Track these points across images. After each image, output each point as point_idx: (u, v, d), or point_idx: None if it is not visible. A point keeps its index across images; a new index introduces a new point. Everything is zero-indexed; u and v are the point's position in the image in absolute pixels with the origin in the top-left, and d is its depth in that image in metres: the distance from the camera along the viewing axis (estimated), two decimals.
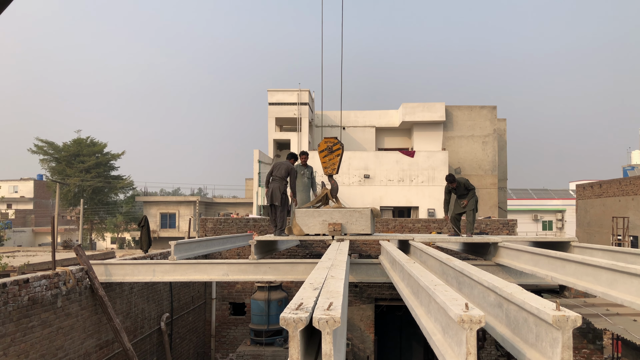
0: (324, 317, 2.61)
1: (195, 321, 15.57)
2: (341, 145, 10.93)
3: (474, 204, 10.55)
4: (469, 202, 10.51)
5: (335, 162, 10.95)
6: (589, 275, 5.74)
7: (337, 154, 10.94)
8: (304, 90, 25.62)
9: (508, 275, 9.93)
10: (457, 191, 10.74)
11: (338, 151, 10.91)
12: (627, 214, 23.57)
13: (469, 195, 10.57)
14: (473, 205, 10.54)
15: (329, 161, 10.99)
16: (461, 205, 10.62)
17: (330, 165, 10.97)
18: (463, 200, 10.58)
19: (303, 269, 9.66)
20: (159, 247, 21.46)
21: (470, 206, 10.51)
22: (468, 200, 10.52)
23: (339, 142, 10.95)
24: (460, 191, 10.67)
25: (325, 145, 10.98)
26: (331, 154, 10.94)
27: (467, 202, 10.51)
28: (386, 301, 15.84)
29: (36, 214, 52.45)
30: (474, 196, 10.60)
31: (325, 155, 11.01)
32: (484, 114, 26.05)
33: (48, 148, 42.46)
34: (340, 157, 10.97)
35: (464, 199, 10.59)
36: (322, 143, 11.06)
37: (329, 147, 10.93)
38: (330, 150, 10.92)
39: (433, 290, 3.82)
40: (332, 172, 11.01)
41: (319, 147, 11.18)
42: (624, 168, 42.81)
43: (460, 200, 10.71)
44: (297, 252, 16.22)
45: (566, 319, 2.77)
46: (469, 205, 10.52)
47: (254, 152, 23.91)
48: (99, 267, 9.92)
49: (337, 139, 11.04)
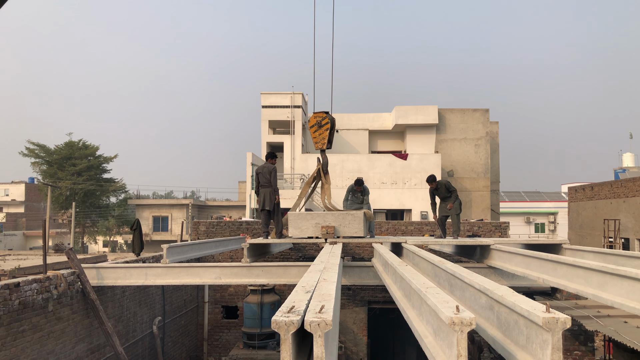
0: (316, 320, 2.62)
1: (187, 325, 15.51)
2: (330, 119, 10.89)
3: (458, 206, 10.69)
4: (454, 206, 10.66)
5: (325, 136, 10.91)
6: (579, 278, 5.77)
7: (326, 127, 10.89)
8: (297, 93, 25.65)
9: (500, 277, 9.98)
10: (439, 193, 10.92)
11: (327, 125, 10.87)
12: (619, 216, 23.73)
13: (452, 197, 10.72)
14: (458, 209, 10.69)
15: (319, 136, 10.97)
16: (447, 208, 10.76)
17: (320, 140, 10.96)
18: (448, 203, 10.72)
19: (296, 272, 9.66)
20: (151, 251, 21.37)
21: (455, 210, 10.66)
22: (453, 203, 10.65)
23: (327, 116, 10.88)
24: (442, 193, 10.87)
25: (315, 120, 10.97)
26: (320, 128, 10.93)
27: (452, 205, 10.65)
28: (379, 304, 15.86)
29: (27, 217, 52.06)
30: (457, 198, 10.75)
31: (315, 130, 10.99)
32: (476, 117, 26.17)
33: (39, 151, 42.16)
34: (330, 131, 10.93)
35: (449, 202, 10.73)
36: (311, 118, 11.03)
37: (318, 121, 10.93)
38: (320, 125, 10.91)
39: (425, 293, 3.83)
40: (322, 147, 10.99)
41: (309, 123, 11.19)
42: (615, 170, 43.13)
43: (444, 202, 10.86)
44: (290, 255, 16.21)
45: (556, 321, 2.79)
46: (453, 209, 10.67)
47: (247, 155, 23.89)
48: (91, 270, 9.87)
49: (326, 113, 10.93)
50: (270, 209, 10.30)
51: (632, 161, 47.75)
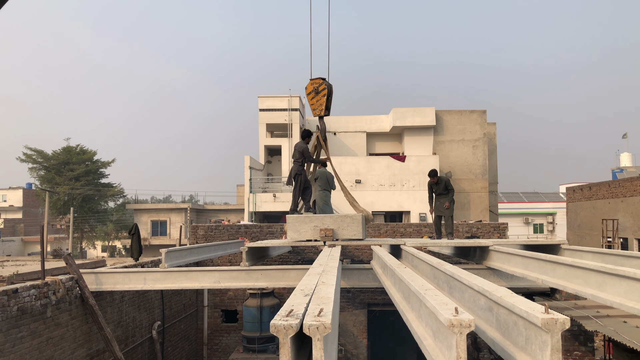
0: (315, 323, 2.61)
1: (187, 329, 15.48)
2: (327, 85, 10.87)
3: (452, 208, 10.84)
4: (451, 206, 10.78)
5: (323, 102, 10.87)
6: (578, 278, 5.77)
7: (324, 94, 10.85)
8: (295, 96, 25.66)
9: (499, 278, 9.98)
10: (437, 188, 11.07)
11: (324, 91, 10.83)
12: (617, 216, 23.77)
13: (449, 196, 10.84)
14: (452, 211, 10.88)
15: (317, 102, 10.94)
16: (443, 207, 10.87)
17: (318, 106, 10.93)
18: (445, 202, 10.81)
19: (295, 275, 9.65)
20: (150, 255, 21.34)
21: (450, 212, 10.81)
22: (449, 202, 10.75)
23: (324, 82, 10.83)
24: (440, 189, 11.00)
25: (312, 87, 10.92)
26: (317, 94, 10.89)
27: (448, 205, 10.82)
28: (379, 306, 15.85)
29: (25, 223, 51.95)
30: (452, 199, 10.86)
31: (312, 97, 10.94)
32: (473, 118, 26.20)
33: (37, 156, 42.10)
34: (327, 97, 10.90)
35: (445, 200, 10.89)
36: (308, 85, 10.97)
37: (315, 88, 10.89)
38: (317, 92, 10.87)
39: (423, 295, 3.83)
40: (320, 114, 10.99)
41: (306, 90, 11.12)
42: (613, 170, 43.17)
43: (440, 199, 10.96)
44: (289, 258, 16.19)
45: (555, 322, 2.79)
46: (449, 210, 10.79)
47: (245, 159, 23.88)
48: (89, 275, 9.85)
49: (323, 79, 10.87)
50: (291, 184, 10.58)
51: (630, 161, 47.83)
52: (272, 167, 27.78)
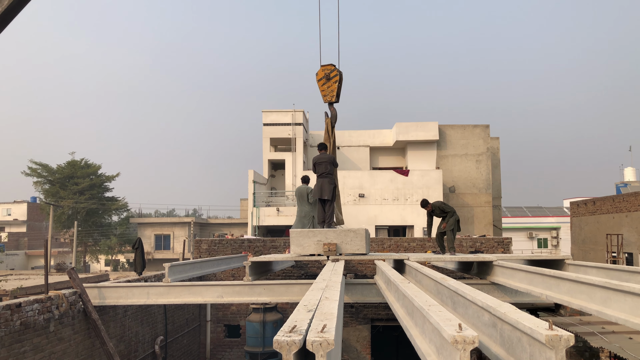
0: (318, 339, 2.61)
1: (189, 344, 15.40)
2: (338, 72, 10.89)
3: (453, 224, 10.88)
4: (448, 224, 10.82)
5: (334, 88, 10.89)
6: (582, 293, 5.74)
7: (335, 80, 10.87)
8: (299, 110, 25.80)
9: (503, 294, 9.93)
10: (435, 214, 11.21)
11: (336, 77, 10.85)
12: (621, 231, 23.65)
13: (447, 217, 10.92)
14: (452, 225, 10.87)
15: (328, 89, 10.96)
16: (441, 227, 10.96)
17: (329, 92, 10.95)
18: (442, 223, 10.91)
19: (298, 289, 9.62)
20: (153, 269, 21.34)
21: (449, 226, 10.81)
22: (446, 222, 10.84)
23: (336, 69, 10.85)
24: (438, 214, 11.12)
25: (323, 73, 10.95)
26: (329, 81, 10.92)
27: (445, 225, 10.89)
28: (382, 321, 15.75)
29: (29, 237, 52.03)
30: (454, 216, 10.93)
31: (323, 83, 10.98)
32: (477, 132, 26.25)
33: (42, 170, 42.33)
34: (338, 84, 10.90)
35: (443, 222, 11.00)
36: (319, 71, 10.99)
37: (327, 74, 10.92)
38: (328, 78, 10.91)
39: (427, 311, 3.82)
40: (331, 100, 11.01)
41: (317, 76, 11.12)
42: (617, 185, 43.04)
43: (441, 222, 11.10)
44: (293, 272, 16.15)
45: (559, 338, 2.78)
46: (447, 226, 10.85)
47: (249, 173, 23.94)
48: (93, 290, 9.85)
49: (334, 65, 10.89)
50: (329, 198, 10.40)
51: (634, 175, 47.66)
52: (276, 181, 27.84)
